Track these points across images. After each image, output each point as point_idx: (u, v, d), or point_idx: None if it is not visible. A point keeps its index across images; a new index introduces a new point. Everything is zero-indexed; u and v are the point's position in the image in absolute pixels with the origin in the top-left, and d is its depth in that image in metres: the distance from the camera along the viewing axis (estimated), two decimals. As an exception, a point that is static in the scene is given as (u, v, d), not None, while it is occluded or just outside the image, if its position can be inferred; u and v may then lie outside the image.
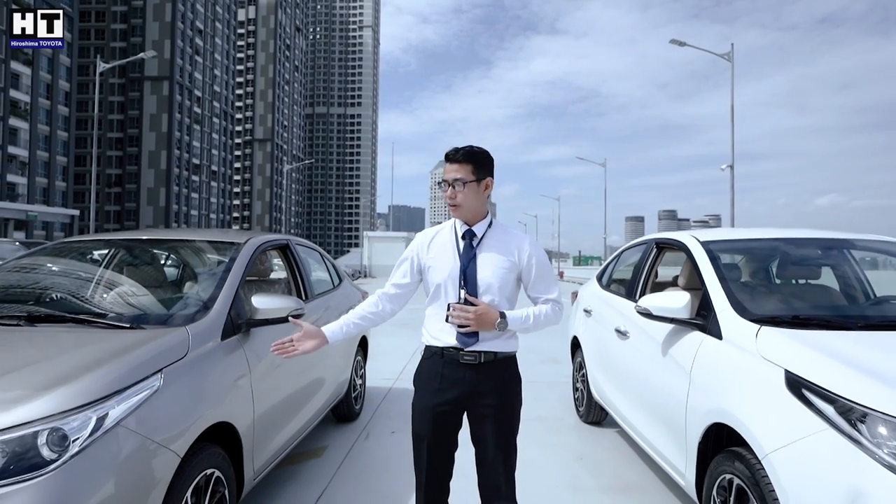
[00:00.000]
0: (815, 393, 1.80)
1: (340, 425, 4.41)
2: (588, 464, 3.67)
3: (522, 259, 2.04)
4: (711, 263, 2.73)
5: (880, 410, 1.63)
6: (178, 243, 3.25)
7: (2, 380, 1.76)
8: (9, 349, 2.04)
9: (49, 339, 2.16)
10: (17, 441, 1.57)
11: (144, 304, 2.61)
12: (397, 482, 3.28)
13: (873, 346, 2.04)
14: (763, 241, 3.19)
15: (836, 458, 1.65)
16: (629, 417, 3.31)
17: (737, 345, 2.26)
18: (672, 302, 2.60)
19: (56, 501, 1.54)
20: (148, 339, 2.13)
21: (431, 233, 2.13)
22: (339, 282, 4.55)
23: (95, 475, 1.64)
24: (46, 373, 1.81)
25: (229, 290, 2.62)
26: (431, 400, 2.02)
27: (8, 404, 1.63)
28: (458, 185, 2.00)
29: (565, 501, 3.09)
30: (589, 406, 4.36)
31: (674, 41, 19.91)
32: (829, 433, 1.69)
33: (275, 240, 3.48)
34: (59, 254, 3.17)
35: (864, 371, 1.79)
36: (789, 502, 1.73)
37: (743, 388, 2.10)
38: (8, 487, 1.51)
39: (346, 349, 4.28)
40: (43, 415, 1.63)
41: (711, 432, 2.25)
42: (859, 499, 1.55)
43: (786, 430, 1.81)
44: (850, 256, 3.24)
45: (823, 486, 1.65)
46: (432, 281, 2.06)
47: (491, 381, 2.00)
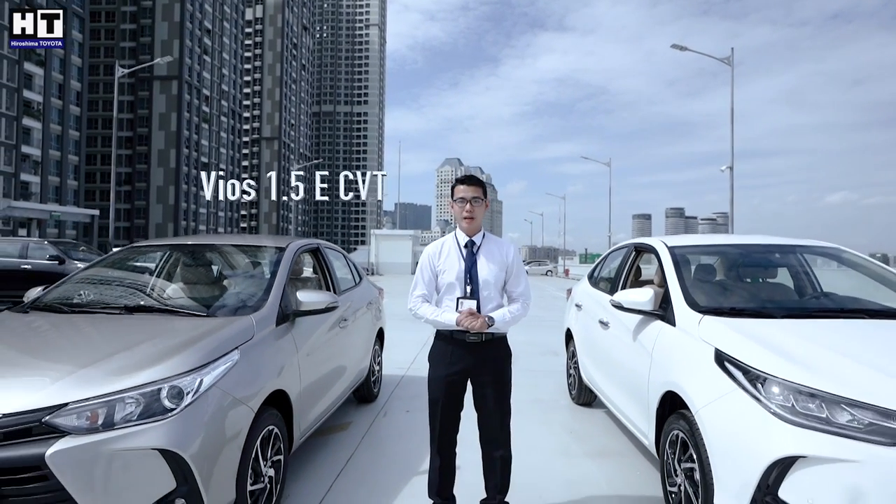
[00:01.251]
0: (733, 364, 2.39)
1: (361, 406, 5.02)
2: (577, 436, 4.27)
3: (508, 261, 2.68)
4: (673, 265, 3.33)
5: (774, 375, 2.22)
6: (233, 247, 3.88)
7: (129, 352, 2.38)
8: (122, 331, 2.67)
9: (150, 324, 2.79)
10: (149, 394, 2.18)
11: (214, 298, 3.23)
12: (411, 451, 3.88)
13: (786, 330, 2.62)
14: (721, 245, 3.79)
15: (742, 410, 2.24)
16: (609, 394, 3.91)
17: (685, 330, 2.86)
18: (639, 297, 3.20)
19: (176, 438, 2.15)
20: (225, 324, 2.75)
21: (437, 245, 2.75)
22: (360, 280, 5.16)
23: (202, 420, 2.25)
24: (159, 347, 2.43)
25: (279, 286, 3.24)
26: (444, 371, 2.63)
27: (139, 368, 2.25)
28: (475, 201, 2.63)
29: (557, 464, 3.69)
30: (580, 389, 4.95)
31: (675, 46, 20.43)
32: (739, 393, 2.28)
33: (308, 244, 4.09)
34: (134, 256, 3.82)
35: (769, 347, 2.38)
36: (710, 445, 2.32)
37: (686, 364, 2.70)
38: (145, 425, 2.12)
39: (367, 339, 4.89)
40: (165, 376, 2.25)
41: (666, 399, 2.84)
42: (756, 438, 2.14)
43: (711, 392, 2.40)
44: (800, 259, 3.82)
45: (734, 433, 2.24)
46: (444, 281, 2.67)
47: (489, 355, 2.62)
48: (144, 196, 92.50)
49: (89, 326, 2.83)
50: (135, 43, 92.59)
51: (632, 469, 3.61)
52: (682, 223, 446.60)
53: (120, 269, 3.70)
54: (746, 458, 2.14)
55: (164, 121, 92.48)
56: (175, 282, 3.35)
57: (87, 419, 2.08)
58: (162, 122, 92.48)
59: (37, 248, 13.15)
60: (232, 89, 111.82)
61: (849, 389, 2.07)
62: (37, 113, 68.00)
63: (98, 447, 2.02)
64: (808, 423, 2.05)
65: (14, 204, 34.33)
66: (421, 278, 2.74)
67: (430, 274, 2.71)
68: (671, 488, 2.74)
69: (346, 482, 3.36)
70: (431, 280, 2.71)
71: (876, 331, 2.68)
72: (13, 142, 64.03)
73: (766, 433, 2.11)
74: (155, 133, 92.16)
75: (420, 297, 2.70)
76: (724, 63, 20.09)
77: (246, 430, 2.48)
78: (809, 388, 2.12)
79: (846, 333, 2.64)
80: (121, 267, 3.74)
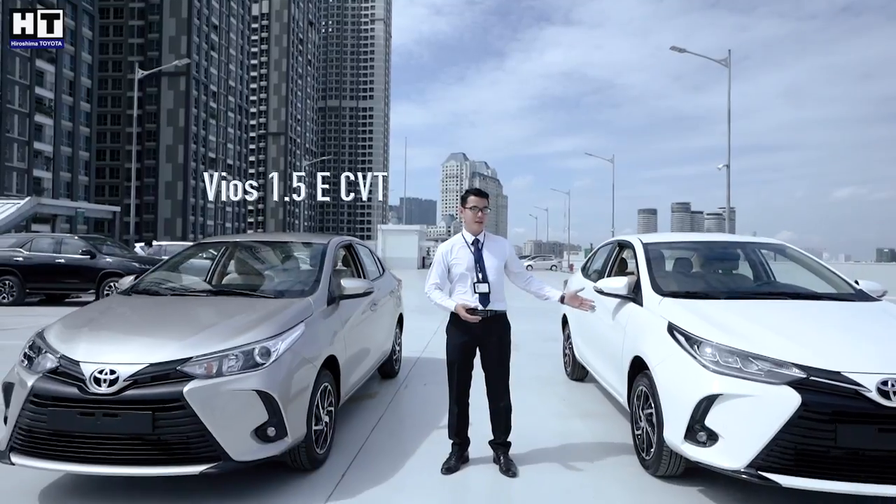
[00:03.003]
0: (678, 332, 3.18)
1: (384, 381, 5.83)
2: (568, 403, 5.07)
3: (506, 253, 3.51)
4: (644, 258, 4.11)
5: (706, 339, 3.01)
6: (285, 243, 4.70)
7: (227, 322, 3.19)
8: (215, 308, 3.50)
9: (234, 303, 3.61)
10: (246, 352, 2.99)
11: (277, 283, 4.05)
12: (430, 413, 4.67)
13: (722, 307, 3.41)
14: (686, 242, 4.58)
15: (683, 365, 3.03)
16: (595, 365, 4.70)
17: (649, 309, 3.64)
18: (616, 284, 3.99)
19: (268, 383, 2.94)
20: (291, 303, 3.56)
21: (449, 245, 3.56)
22: (384, 271, 5.97)
23: (283, 372, 3.05)
24: (248, 319, 3.24)
25: (326, 274, 4.04)
26: (459, 339, 3.43)
27: (237, 334, 3.06)
28: (485, 210, 3.46)
29: (550, 423, 4.49)
30: (574, 366, 5.75)
31: (674, 48, 21.10)
32: (681, 353, 3.07)
33: (344, 240, 4.90)
34: (201, 252, 4.65)
35: (705, 319, 3.17)
36: (661, 392, 3.11)
37: (649, 334, 3.48)
38: (245, 374, 2.92)
39: (390, 323, 5.69)
40: (256, 339, 3.05)
41: (635, 363, 3.62)
42: (690, 384, 2.92)
43: (662, 353, 3.20)
44: (756, 253, 4.59)
45: (676, 381, 3.03)
46: (456, 271, 3.47)
47: (493, 328, 3.42)
48: (153, 191, 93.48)
49: (190, 304, 3.65)
50: (143, 39, 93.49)
51: (611, 425, 4.40)
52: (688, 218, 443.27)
53: (192, 261, 4.54)
54: (684, 398, 2.93)
55: (173, 117, 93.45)
56: (242, 271, 4.17)
57: (205, 369, 2.88)
58: (170, 118, 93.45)
59: (70, 244, 13.98)
60: (239, 85, 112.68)
61: (756, 347, 2.86)
62: (48, 110, 69.12)
63: (216, 388, 2.82)
64: (727, 372, 2.84)
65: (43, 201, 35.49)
66: (436, 270, 3.54)
67: (444, 267, 3.51)
68: (637, 432, 3.53)
69: (379, 434, 4.17)
70: (444, 272, 3.50)
71: (789, 307, 3.49)
72: (25, 138, 65.24)
73: (697, 380, 2.90)
74: (163, 129, 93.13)
75: (434, 285, 3.51)
76: (722, 65, 20.79)
77: (312, 382, 3.29)
78: (729, 348, 2.91)
79: (766, 309, 3.43)
80: (192, 259, 4.57)
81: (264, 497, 3.04)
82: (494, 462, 3.51)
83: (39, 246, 13.96)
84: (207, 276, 4.68)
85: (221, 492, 3.08)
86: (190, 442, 2.76)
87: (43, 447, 2.79)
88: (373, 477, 3.34)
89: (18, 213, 28.38)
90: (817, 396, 2.62)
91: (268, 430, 2.94)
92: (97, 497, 3.05)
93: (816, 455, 2.60)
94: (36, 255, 13.56)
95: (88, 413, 2.73)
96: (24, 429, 2.82)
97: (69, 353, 2.92)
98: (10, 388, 2.99)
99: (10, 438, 2.85)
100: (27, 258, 13.46)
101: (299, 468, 3.31)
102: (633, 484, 3.30)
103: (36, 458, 2.81)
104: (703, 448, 2.85)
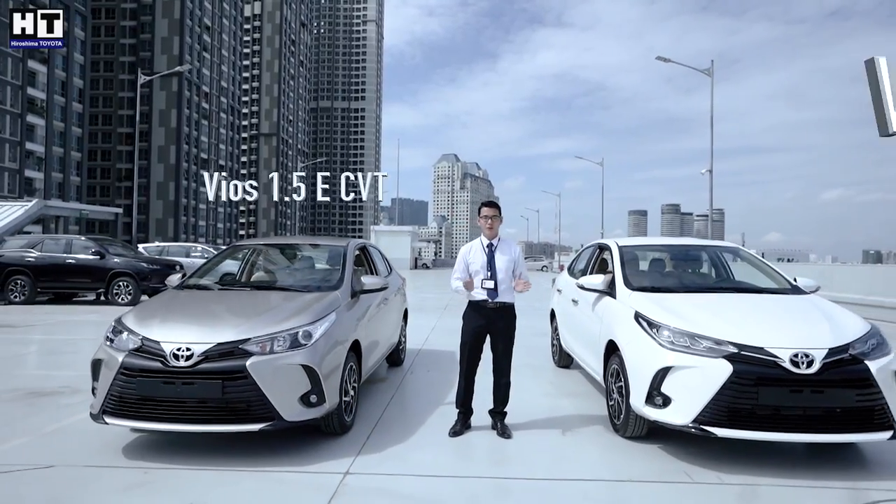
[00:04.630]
0: (643, 319, 3.91)
1: (392, 368, 6.54)
2: (556, 385, 5.80)
3: (515, 256, 4.19)
4: (619, 259, 4.85)
5: (664, 323, 3.75)
6: (311, 245, 5.42)
7: (273, 311, 3.89)
8: (260, 300, 4.20)
9: (276, 296, 4.32)
10: (292, 334, 3.68)
11: (309, 280, 4.75)
12: (434, 394, 5.39)
13: (679, 299, 4.15)
14: (656, 245, 5.34)
15: (645, 345, 3.76)
16: (578, 351, 5.44)
17: (622, 301, 4.38)
18: (595, 280, 4.73)
19: (311, 359, 3.63)
20: (323, 296, 4.26)
21: (469, 247, 4.27)
22: (391, 270, 6.68)
23: (322, 351, 3.75)
24: (291, 308, 3.94)
25: (349, 272, 4.75)
26: (473, 324, 4.15)
27: (284, 320, 3.75)
28: (494, 218, 4.16)
29: (540, 400, 5.21)
30: (560, 354, 6.49)
31: (659, 58, 21.99)
32: (644, 335, 3.81)
33: (359, 243, 5.61)
34: (241, 251, 5.35)
35: (664, 308, 3.91)
36: (628, 367, 3.84)
37: (620, 322, 4.22)
38: (292, 351, 3.61)
39: (397, 316, 6.39)
40: (300, 324, 3.75)
41: (609, 346, 4.35)
42: (650, 359, 3.66)
43: (630, 336, 3.94)
44: (716, 254, 5.35)
45: (640, 357, 3.77)
46: (473, 269, 4.18)
47: (502, 316, 4.13)
48: (145, 192, 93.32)
49: (239, 297, 4.36)
50: (135, 40, 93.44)
51: (590, 402, 5.14)
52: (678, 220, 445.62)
53: (229, 261, 5.25)
54: (645, 371, 3.66)
55: (164, 117, 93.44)
56: (276, 269, 4.87)
57: (260, 347, 3.57)
58: (162, 119, 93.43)
59: (80, 245, 14.53)
60: (231, 86, 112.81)
61: (701, 329, 3.60)
62: (40, 110, 69.10)
63: (271, 362, 3.52)
64: (678, 349, 3.58)
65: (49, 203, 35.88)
66: (458, 268, 4.27)
67: (464, 265, 4.23)
68: (610, 402, 4.27)
69: (392, 409, 4.88)
70: (465, 269, 4.22)
71: (733, 299, 4.27)
72: (17, 138, 65.20)
73: (655, 356, 3.64)
74: (155, 129, 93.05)
75: (457, 278, 4.23)
76: (705, 74, 21.68)
77: (343, 361, 3.99)
78: (681, 330, 3.65)
79: (714, 300, 4.19)
80: (230, 259, 5.28)
81: (306, 453, 3.74)
82: (493, 429, 4.23)
83: (50, 247, 14.51)
84: (239, 273, 5.37)
85: (273, 450, 3.77)
86: (251, 405, 3.45)
87: (132, 410, 3.48)
88: (392, 439, 4.05)
89: (26, 214, 28.78)
90: (745, 366, 3.36)
91: (310, 398, 3.64)
92: (168, 453, 3.72)
93: (744, 411, 3.34)
94: (47, 255, 14.12)
95: (170, 382, 3.42)
96: (116, 395, 3.50)
97: (149, 335, 3.60)
98: (98, 365, 3.67)
99: (102, 403, 3.53)
100: (38, 258, 14.02)
101: (332, 432, 4.01)
102: (607, 444, 4.03)
103: (125, 419, 3.50)
104: (659, 409, 3.58)
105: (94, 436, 3.92)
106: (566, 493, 3.21)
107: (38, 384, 5.59)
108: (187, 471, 3.41)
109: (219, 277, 4.96)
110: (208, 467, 3.46)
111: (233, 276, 5.25)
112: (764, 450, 3.81)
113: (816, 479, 3.39)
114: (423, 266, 53.83)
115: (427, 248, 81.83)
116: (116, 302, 13.41)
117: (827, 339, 3.47)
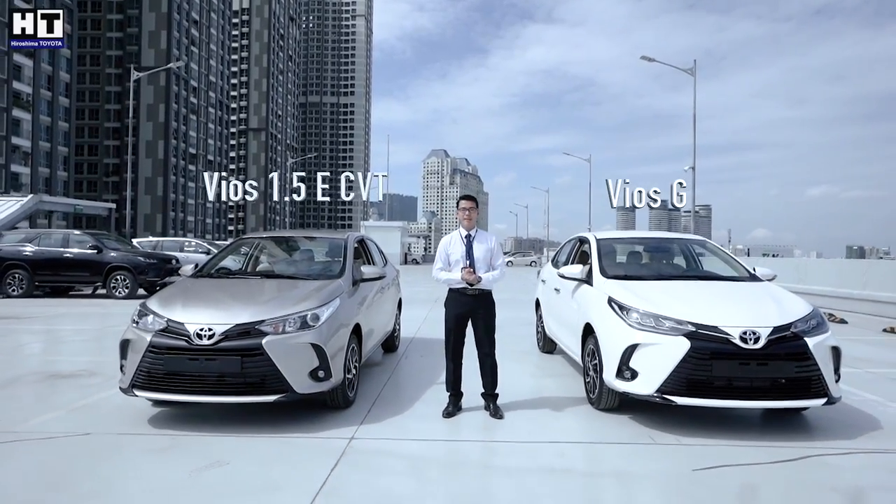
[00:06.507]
0: (615, 303, 4.39)
1: (387, 354, 6.98)
2: (540, 368, 6.29)
3: (491, 246, 4.60)
4: (597, 250, 5.32)
5: (633, 307, 4.22)
6: (313, 238, 5.84)
7: (283, 296, 4.32)
8: (270, 287, 4.62)
9: (285, 283, 4.74)
10: (302, 317, 4.11)
11: (313, 269, 5.18)
12: (427, 376, 5.85)
13: (648, 286, 4.63)
14: (630, 238, 5.84)
15: (616, 326, 4.24)
16: (559, 334, 5.92)
17: (597, 289, 4.85)
18: (574, 270, 5.21)
19: (319, 338, 4.07)
20: (327, 283, 4.69)
21: (449, 238, 4.67)
22: (386, 262, 7.12)
23: (329, 332, 4.19)
24: (299, 294, 4.37)
25: (349, 262, 5.19)
26: (455, 311, 4.58)
27: (294, 304, 4.18)
28: (471, 210, 4.56)
29: (526, 380, 5.69)
30: (544, 340, 6.97)
31: (644, 57, 22.58)
32: (615, 317, 4.28)
33: (358, 236, 6.04)
34: (248, 244, 5.78)
35: (634, 294, 4.38)
36: (602, 346, 4.32)
37: (595, 306, 4.69)
38: (302, 332, 4.05)
39: (392, 305, 6.84)
40: (308, 308, 4.18)
41: (586, 328, 4.82)
42: (620, 338, 4.13)
43: (603, 318, 4.41)
44: (685, 247, 5.84)
45: (612, 337, 4.24)
46: (453, 259, 4.59)
47: (482, 302, 4.56)
48: (133, 187, 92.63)
49: (251, 284, 4.79)
50: (122, 33, 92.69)
51: (571, 382, 5.62)
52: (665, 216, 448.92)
53: (238, 253, 5.68)
54: (615, 348, 4.15)
55: (152, 112, 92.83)
56: (282, 259, 5.30)
57: (273, 328, 4.00)
58: (150, 113, 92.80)
59: (76, 239, 14.79)
60: (219, 80, 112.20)
61: (665, 311, 4.08)
62: (26, 104, 68.52)
63: (283, 341, 3.95)
64: (644, 329, 4.06)
65: (46, 198, 35.86)
66: (439, 258, 4.68)
67: (445, 255, 4.65)
68: (587, 379, 4.75)
69: (389, 389, 5.33)
70: (446, 259, 4.63)
71: (695, 285, 4.76)
72: (3, 133, 64.64)
73: (624, 335, 4.12)
74: (143, 124, 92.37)
75: (439, 268, 4.65)
76: (688, 73, 22.27)
77: (346, 341, 4.43)
78: (647, 312, 4.13)
79: (679, 287, 4.68)
80: (238, 251, 5.71)
81: (316, 423, 4.18)
82: (485, 409, 4.64)
83: (47, 241, 14.76)
84: (247, 264, 5.80)
85: (285, 419, 4.21)
86: (266, 378, 3.88)
87: (159, 383, 3.90)
88: (391, 412, 4.50)
89: (22, 209, 28.78)
90: (701, 343, 3.85)
91: (319, 373, 4.08)
92: (191, 422, 4.14)
93: (700, 382, 3.83)
94: (44, 249, 14.37)
95: (194, 359, 3.84)
96: (144, 371, 3.92)
97: (174, 317, 4.02)
98: (126, 345, 4.08)
99: (132, 378, 3.94)
100: (36, 252, 14.27)
101: (336, 406, 4.45)
102: (583, 414, 4.51)
103: (153, 392, 3.92)
104: (627, 382, 4.07)
105: (121, 409, 4.34)
106: (545, 452, 3.68)
107: (58, 368, 5.98)
108: (210, 437, 3.84)
109: (229, 267, 5.39)
110: (228, 434, 3.89)
111: (242, 266, 5.67)
112: (719, 416, 4.32)
113: (763, 440, 3.90)
114: (413, 261, 54.18)
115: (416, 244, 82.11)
116: (114, 295, 13.70)
117: (773, 319, 3.96)
